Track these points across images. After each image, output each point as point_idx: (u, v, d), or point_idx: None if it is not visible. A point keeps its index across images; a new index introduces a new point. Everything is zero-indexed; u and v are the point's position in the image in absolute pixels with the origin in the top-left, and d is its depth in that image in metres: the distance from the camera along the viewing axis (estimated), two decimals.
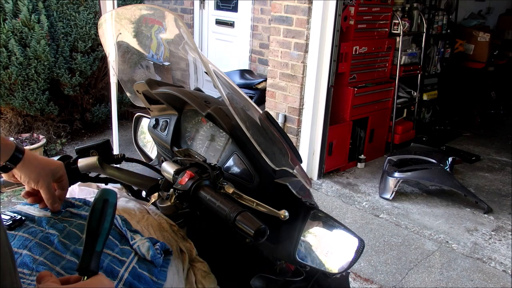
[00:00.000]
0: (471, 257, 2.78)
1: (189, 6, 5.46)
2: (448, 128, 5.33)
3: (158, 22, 1.13)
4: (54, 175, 0.89)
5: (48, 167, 0.89)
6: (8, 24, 3.57)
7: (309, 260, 0.93)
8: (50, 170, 0.88)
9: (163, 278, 0.81)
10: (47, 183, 0.87)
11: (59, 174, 0.90)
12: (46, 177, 0.87)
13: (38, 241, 0.76)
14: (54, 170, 0.89)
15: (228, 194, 0.85)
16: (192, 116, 1.17)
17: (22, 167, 0.86)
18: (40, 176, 0.87)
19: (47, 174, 0.88)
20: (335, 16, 3.34)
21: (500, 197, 3.63)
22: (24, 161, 0.85)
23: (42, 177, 0.87)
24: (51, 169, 0.89)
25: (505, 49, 5.78)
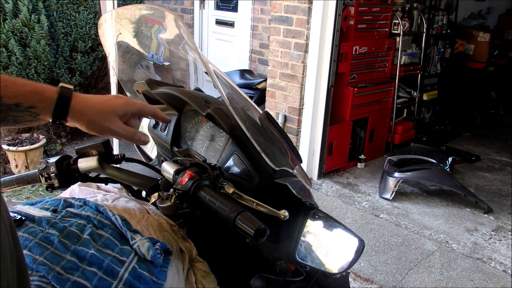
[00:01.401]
0: (471, 257, 2.78)
1: (189, 6, 5.46)
2: (448, 128, 5.33)
3: (158, 22, 1.13)
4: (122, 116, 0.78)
5: (107, 110, 0.77)
6: (8, 24, 3.57)
7: (309, 260, 0.93)
8: (111, 113, 0.77)
9: (163, 278, 0.81)
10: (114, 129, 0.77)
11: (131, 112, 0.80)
12: (109, 122, 0.77)
13: (38, 241, 0.76)
14: (117, 112, 0.78)
15: (228, 194, 0.85)
16: (192, 116, 1.17)
17: (74, 119, 0.74)
18: (100, 125, 0.76)
19: (109, 119, 0.77)
20: (335, 16, 3.34)
21: (500, 197, 3.63)
22: (73, 112, 0.73)
23: (103, 125, 0.76)
24: (113, 111, 0.77)
25: (505, 49, 5.78)
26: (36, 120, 0.71)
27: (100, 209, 0.89)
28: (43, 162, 0.94)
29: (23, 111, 0.69)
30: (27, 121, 0.71)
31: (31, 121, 0.71)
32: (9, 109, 0.67)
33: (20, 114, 0.69)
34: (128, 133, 0.80)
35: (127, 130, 0.79)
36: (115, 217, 0.87)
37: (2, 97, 0.66)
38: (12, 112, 0.68)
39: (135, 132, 0.81)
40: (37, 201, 0.91)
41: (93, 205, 0.90)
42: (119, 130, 0.78)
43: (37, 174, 0.94)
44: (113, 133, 0.78)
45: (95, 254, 0.77)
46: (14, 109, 0.68)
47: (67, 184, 0.95)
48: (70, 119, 0.74)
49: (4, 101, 0.66)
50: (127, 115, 0.80)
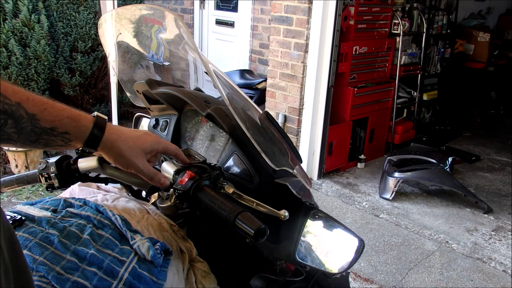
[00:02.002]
0: (471, 257, 2.78)
1: (189, 6, 5.46)
2: (448, 128, 5.33)
3: (158, 22, 1.13)
4: (148, 153, 0.79)
5: (138, 146, 0.77)
6: (8, 24, 3.57)
7: (309, 260, 0.93)
8: (141, 150, 0.77)
9: (163, 278, 0.81)
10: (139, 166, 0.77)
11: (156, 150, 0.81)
12: (137, 159, 0.77)
13: (38, 241, 0.76)
14: (146, 149, 0.78)
15: (228, 194, 0.85)
16: (192, 116, 1.17)
17: (105, 150, 0.75)
18: (128, 160, 0.76)
19: (138, 156, 0.77)
20: (335, 16, 3.34)
21: (500, 197, 3.63)
22: (105, 143, 0.74)
23: (130, 160, 0.76)
24: (142, 149, 0.78)
25: (505, 49, 5.78)
26: (66, 146, 0.72)
27: (100, 209, 0.89)
28: (43, 162, 0.94)
29: (56, 136, 0.69)
30: (57, 145, 0.71)
31: (61, 146, 0.71)
32: (43, 132, 0.68)
33: (53, 138, 0.69)
34: (150, 174, 0.80)
35: (150, 171, 0.80)
36: (115, 217, 0.87)
37: (39, 120, 0.66)
38: (46, 136, 0.68)
39: (156, 173, 0.81)
40: (37, 201, 0.91)
41: (93, 205, 0.90)
42: (143, 168, 0.79)
43: (37, 174, 0.94)
44: (137, 170, 0.79)
45: (95, 254, 0.77)
46: (49, 133, 0.68)
47: (67, 184, 0.95)
48: (100, 149, 0.75)
49: (40, 124, 0.67)
50: (152, 153, 0.81)
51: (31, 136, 0.67)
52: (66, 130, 0.70)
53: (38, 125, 0.66)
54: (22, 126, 0.65)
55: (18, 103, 0.64)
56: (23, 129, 0.65)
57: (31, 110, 0.65)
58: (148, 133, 0.82)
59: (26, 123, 0.65)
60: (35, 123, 0.66)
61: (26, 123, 0.65)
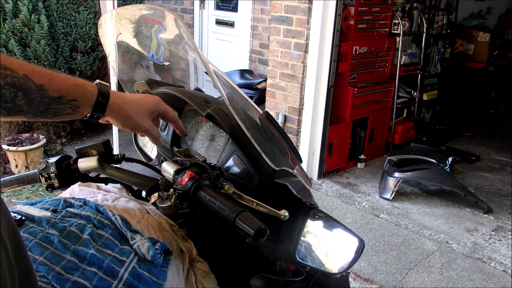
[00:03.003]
0: (471, 257, 2.78)
1: (189, 6, 5.46)
2: (448, 128, 5.33)
3: (158, 22, 1.13)
4: (152, 114, 0.83)
5: (142, 107, 0.81)
6: (8, 24, 3.57)
7: (309, 260, 0.93)
8: (145, 111, 0.81)
9: (163, 278, 0.81)
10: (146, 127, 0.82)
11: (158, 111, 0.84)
12: (143, 120, 0.81)
13: (38, 241, 0.76)
14: (150, 110, 0.83)
15: (228, 194, 0.85)
16: (192, 116, 1.17)
17: (111, 114, 0.78)
18: (135, 122, 0.80)
19: (143, 117, 0.81)
20: (335, 16, 3.34)
21: (500, 197, 3.63)
22: (111, 107, 0.77)
23: (137, 122, 0.80)
24: (147, 109, 0.82)
25: (505, 49, 5.78)
26: (74, 113, 0.74)
27: (100, 209, 0.89)
28: (43, 162, 0.94)
29: (65, 104, 0.72)
30: (66, 113, 0.73)
31: (69, 114, 0.74)
32: (52, 101, 0.70)
33: (61, 106, 0.72)
34: (155, 132, 0.85)
35: (155, 129, 0.85)
36: (115, 217, 0.87)
37: (47, 90, 0.69)
38: (55, 105, 0.71)
39: (158, 133, 0.86)
40: (37, 201, 0.91)
41: (93, 205, 0.90)
42: (150, 128, 0.83)
43: (37, 174, 0.94)
44: (144, 131, 0.83)
45: (95, 254, 0.77)
46: (57, 101, 0.71)
47: (67, 184, 0.95)
48: (107, 114, 0.77)
49: (48, 94, 0.69)
50: (155, 113, 0.85)
51: (40, 107, 0.69)
52: (73, 97, 0.72)
53: (47, 95, 0.69)
54: (32, 97, 0.67)
55: (25, 75, 0.66)
56: (32, 100, 0.67)
57: (38, 81, 0.67)
58: (148, 95, 0.86)
59: (35, 94, 0.67)
60: (44, 93, 0.68)
61: (35, 94, 0.67)
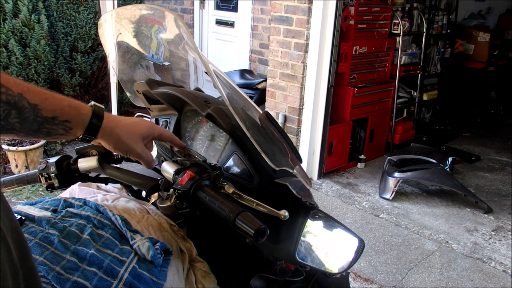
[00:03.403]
0: (471, 257, 2.78)
1: (189, 6, 5.45)
2: (448, 128, 5.33)
3: (158, 22, 1.13)
4: (145, 138, 0.82)
5: (135, 131, 0.80)
6: (8, 24, 3.57)
7: (309, 260, 0.93)
8: (138, 135, 0.80)
9: (163, 278, 0.81)
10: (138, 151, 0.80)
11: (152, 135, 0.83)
12: (135, 144, 0.80)
13: (38, 241, 0.76)
14: (143, 134, 0.81)
15: (228, 194, 0.85)
16: (192, 116, 1.17)
17: (103, 137, 0.77)
18: (127, 145, 0.79)
19: (136, 141, 0.80)
20: (335, 16, 3.34)
21: (500, 197, 3.63)
22: (104, 130, 0.76)
23: (130, 146, 0.79)
24: (140, 134, 0.81)
25: (505, 49, 5.78)
26: (67, 134, 0.74)
27: (100, 209, 0.89)
28: (43, 162, 0.94)
29: (57, 124, 0.72)
30: (58, 134, 0.73)
31: (62, 135, 0.74)
32: (45, 121, 0.70)
33: (54, 127, 0.72)
34: (148, 157, 0.84)
35: (148, 156, 0.84)
36: (115, 217, 0.86)
37: (41, 109, 0.69)
38: (48, 125, 0.71)
39: (152, 158, 0.85)
40: (37, 201, 0.91)
41: (93, 205, 0.90)
42: (142, 152, 0.82)
43: (37, 174, 0.94)
44: (136, 155, 0.82)
45: (95, 254, 0.77)
46: (50, 121, 0.71)
47: (67, 184, 0.95)
48: (100, 136, 0.77)
49: (42, 114, 0.69)
50: (149, 138, 0.84)
51: (33, 126, 0.69)
52: (67, 118, 0.72)
53: (40, 115, 0.69)
54: (25, 116, 0.67)
55: (20, 94, 0.66)
56: (26, 119, 0.67)
57: (32, 100, 0.67)
58: (143, 119, 0.86)
59: (29, 113, 0.67)
60: (37, 112, 0.68)
61: (28, 113, 0.67)
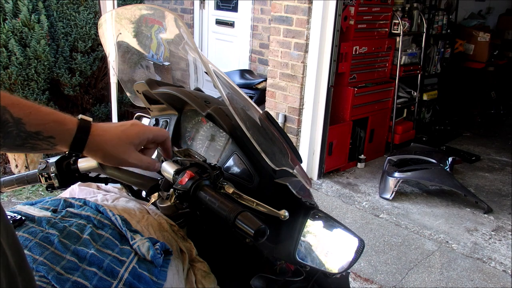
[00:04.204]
0: (471, 257, 2.78)
1: (189, 6, 5.45)
2: (448, 128, 5.33)
3: (158, 22, 1.13)
4: (138, 145, 0.78)
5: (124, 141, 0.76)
6: (8, 24, 3.56)
7: (309, 260, 0.93)
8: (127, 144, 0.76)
9: (163, 278, 0.81)
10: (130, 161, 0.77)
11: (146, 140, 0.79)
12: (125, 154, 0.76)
13: (38, 241, 0.76)
14: (133, 142, 0.77)
15: (228, 194, 0.85)
16: (192, 116, 1.17)
17: (90, 153, 0.74)
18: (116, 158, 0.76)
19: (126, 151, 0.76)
20: (335, 16, 3.34)
21: (500, 197, 3.63)
22: (89, 146, 0.73)
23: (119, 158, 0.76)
24: (129, 142, 0.76)
25: (505, 49, 5.78)
26: (52, 149, 0.72)
27: (100, 209, 0.89)
28: (43, 162, 0.94)
29: (42, 140, 0.69)
30: (43, 149, 0.71)
31: (47, 150, 0.71)
32: (29, 136, 0.67)
33: (38, 142, 0.69)
34: (144, 163, 0.80)
35: (144, 161, 0.79)
36: (115, 217, 0.86)
37: (24, 124, 0.66)
38: (32, 140, 0.68)
39: (151, 161, 0.81)
40: (37, 201, 0.91)
41: (93, 205, 0.90)
42: (135, 161, 0.78)
43: (37, 174, 0.94)
44: (130, 165, 0.79)
45: (95, 254, 0.77)
46: (34, 137, 0.68)
47: (67, 184, 0.95)
48: (86, 152, 0.74)
49: (26, 128, 0.66)
50: (143, 143, 0.80)
51: (16, 141, 0.67)
52: (51, 134, 0.70)
53: (24, 129, 0.66)
54: (8, 130, 0.64)
55: (4, 107, 0.63)
56: (9, 134, 0.65)
57: (16, 114, 0.65)
58: (135, 123, 0.80)
59: (12, 127, 0.65)
60: (21, 127, 0.66)
61: (12, 127, 0.65)
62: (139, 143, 0.79)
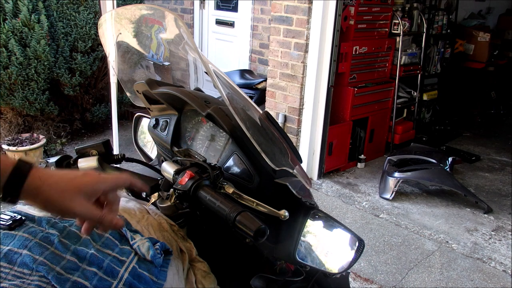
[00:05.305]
0: (471, 257, 2.78)
1: (189, 6, 5.45)
2: (448, 128, 5.33)
3: (158, 22, 1.13)
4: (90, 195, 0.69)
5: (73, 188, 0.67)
6: (8, 24, 3.57)
7: (309, 260, 0.93)
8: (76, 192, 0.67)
9: (163, 278, 0.81)
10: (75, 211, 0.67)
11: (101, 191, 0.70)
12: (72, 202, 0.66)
13: (38, 241, 0.76)
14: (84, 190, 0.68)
15: (228, 194, 0.85)
16: (192, 116, 1.17)
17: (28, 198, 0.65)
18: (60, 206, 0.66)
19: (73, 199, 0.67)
20: (335, 16, 3.34)
21: (500, 197, 3.63)
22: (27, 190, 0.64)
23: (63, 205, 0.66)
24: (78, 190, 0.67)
25: (505, 49, 5.78)
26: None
27: None
28: (43, 162, 0.94)
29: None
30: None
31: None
32: None
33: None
34: (95, 216, 0.69)
35: (94, 213, 0.69)
36: None
37: None
38: None
39: (104, 215, 0.70)
40: None
41: None
42: (83, 211, 0.68)
43: None
44: (75, 215, 0.69)
45: (95, 254, 0.77)
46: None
47: None
48: (24, 197, 0.64)
49: None
50: (97, 194, 0.70)
51: None
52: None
53: None
54: None
55: None
56: None
57: None
58: (89, 173, 0.72)
59: None
60: None
61: None
62: (92, 194, 0.69)
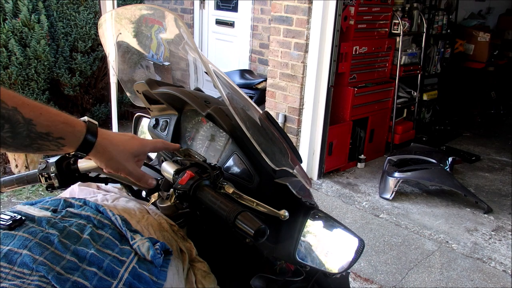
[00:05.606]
0: (471, 257, 2.78)
1: (189, 6, 5.46)
2: (448, 128, 5.33)
3: (158, 22, 1.13)
4: (137, 156, 0.82)
5: (127, 150, 0.80)
6: (8, 24, 3.56)
7: (309, 260, 0.93)
8: (130, 153, 0.80)
9: (163, 278, 0.81)
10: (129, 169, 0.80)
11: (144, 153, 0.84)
12: (126, 162, 0.80)
13: (38, 241, 0.76)
14: (135, 153, 0.81)
15: (228, 194, 0.85)
16: (192, 116, 1.17)
17: (96, 155, 0.76)
18: (119, 164, 0.79)
19: (127, 159, 0.80)
20: (335, 16, 3.34)
21: (500, 197, 3.63)
22: (97, 148, 0.75)
23: (121, 164, 0.79)
24: (131, 152, 0.80)
25: (505, 49, 5.78)
26: (58, 150, 0.72)
27: (100, 209, 0.89)
28: (43, 162, 0.94)
29: (50, 141, 0.70)
30: (50, 150, 0.71)
31: (53, 151, 0.72)
32: (38, 137, 0.68)
33: (46, 143, 0.69)
34: (139, 175, 0.83)
35: (139, 173, 0.83)
36: (115, 217, 0.86)
37: (35, 125, 0.66)
38: (40, 140, 0.68)
39: (144, 175, 0.84)
40: (37, 201, 0.91)
41: (93, 205, 0.90)
42: (133, 170, 0.82)
43: (37, 174, 0.94)
44: (127, 173, 0.81)
45: (95, 254, 0.77)
46: (44, 138, 0.68)
47: (67, 184, 0.95)
48: (92, 154, 0.76)
49: (36, 129, 0.67)
50: (140, 156, 0.84)
51: (25, 141, 0.67)
52: (61, 135, 0.70)
53: (34, 130, 0.67)
54: (18, 130, 0.65)
55: (15, 107, 0.64)
56: (18, 134, 0.65)
57: (27, 115, 0.65)
58: (135, 137, 0.84)
59: (22, 128, 0.65)
60: (31, 128, 0.66)
61: (22, 128, 0.65)
62: (138, 155, 0.83)
